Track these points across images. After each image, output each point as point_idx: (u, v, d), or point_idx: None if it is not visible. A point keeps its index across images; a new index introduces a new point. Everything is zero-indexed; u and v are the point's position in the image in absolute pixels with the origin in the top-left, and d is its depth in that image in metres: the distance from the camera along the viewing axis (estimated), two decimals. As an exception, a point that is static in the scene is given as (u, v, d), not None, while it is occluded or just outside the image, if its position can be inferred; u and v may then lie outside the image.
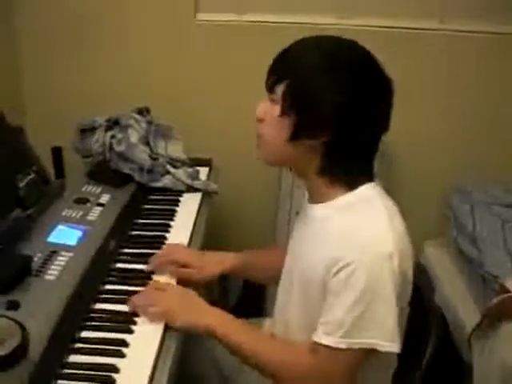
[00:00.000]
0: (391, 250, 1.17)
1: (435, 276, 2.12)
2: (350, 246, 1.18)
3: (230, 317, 1.34)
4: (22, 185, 1.62)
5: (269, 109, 1.27)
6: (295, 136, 1.23)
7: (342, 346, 1.18)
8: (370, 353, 1.20)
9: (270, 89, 1.27)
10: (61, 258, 1.47)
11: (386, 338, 1.18)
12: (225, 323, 1.31)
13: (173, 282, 1.48)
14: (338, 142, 1.22)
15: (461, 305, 1.98)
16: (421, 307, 1.44)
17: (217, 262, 1.58)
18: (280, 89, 1.24)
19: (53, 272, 1.42)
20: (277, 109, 1.24)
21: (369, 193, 1.26)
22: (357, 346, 1.18)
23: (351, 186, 1.26)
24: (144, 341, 1.27)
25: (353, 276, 1.16)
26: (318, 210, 1.30)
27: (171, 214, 1.80)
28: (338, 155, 1.24)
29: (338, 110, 1.19)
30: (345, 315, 1.17)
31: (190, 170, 1.98)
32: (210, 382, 1.59)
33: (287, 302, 1.38)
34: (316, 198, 1.31)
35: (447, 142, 2.33)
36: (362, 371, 1.24)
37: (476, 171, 2.31)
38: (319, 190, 1.29)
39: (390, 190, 1.32)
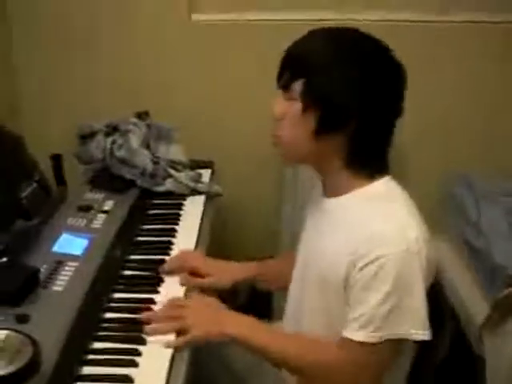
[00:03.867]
0: (416, 234, 1.19)
1: (443, 270, 2.10)
2: (376, 239, 1.19)
3: (254, 321, 1.33)
4: (24, 195, 1.60)
5: (287, 107, 1.26)
6: (319, 131, 1.23)
7: (375, 340, 1.18)
8: (401, 344, 1.23)
9: (285, 87, 1.26)
10: (67, 268, 1.46)
11: (418, 327, 1.20)
12: (250, 329, 1.31)
13: (181, 292, 1.47)
14: (360, 132, 1.23)
15: (470, 298, 1.97)
16: (432, 302, 1.43)
17: (230, 273, 1.57)
18: (298, 86, 1.23)
19: (60, 283, 1.40)
20: (297, 106, 1.23)
21: (387, 185, 1.28)
22: (390, 338, 1.19)
23: (370, 178, 1.27)
24: (157, 348, 1.25)
25: (382, 270, 1.16)
26: (337, 203, 1.30)
27: (176, 218, 1.79)
28: (360, 147, 1.25)
29: (358, 100, 1.20)
30: (376, 309, 1.17)
31: (191, 172, 1.96)
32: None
33: (299, 305, 1.37)
34: (334, 192, 1.31)
35: (449, 133, 2.31)
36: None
37: (478, 162, 2.29)
38: (340, 184, 1.29)
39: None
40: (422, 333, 1.20)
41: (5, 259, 1.41)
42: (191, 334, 1.28)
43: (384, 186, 1.27)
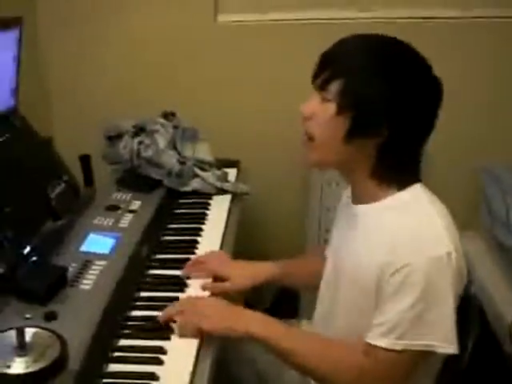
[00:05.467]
0: (449, 249, 1.16)
1: (471, 267, 2.07)
2: (406, 246, 1.17)
3: (274, 321, 1.30)
4: (53, 195, 1.64)
5: (319, 107, 1.24)
6: (351, 135, 1.21)
7: (398, 347, 1.16)
8: (426, 354, 1.19)
9: (321, 87, 1.24)
10: (95, 267, 1.48)
11: (444, 340, 1.17)
12: (268, 328, 1.28)
13: (206, 293, 1.47)
14: (390, 142, 1.21)
15: (499, 295, 1.95)
16: (459, 300, 1.42)
17: (250, 275, 1.55)
18: (334, 87, 1.21)
19: (88, 281, 1.43)
20: (330, 107, 1.22)
21: (418, 192, 1.25)
22: (413, 348, 1.17)
23: (401, 186, 1.25)
24: (182, 347, 1.27)
25: (410, 278, 1.15)
26: (366, 211, 1.28)
27: (202, 218, 1.80)
28: (392, 156, 1.23)
29: (393, 107, 1.19)
30: (401, 317, 1.16)
31: (218, 172, 1.98)
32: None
33: (332, 308, 1.36)
34: (363, 199, 1.29)
35: (474, 131, 2.29)
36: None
37: (505, 157, 2.25)
38: (368, 191, 1.27)
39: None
40: (448, 346, 1.17)
41: (34, 258, 1.44)
42: (205, 331, 1.28)
43: (412, 194, 1.25)
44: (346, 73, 1.20)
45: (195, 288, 1.48)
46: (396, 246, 1.17)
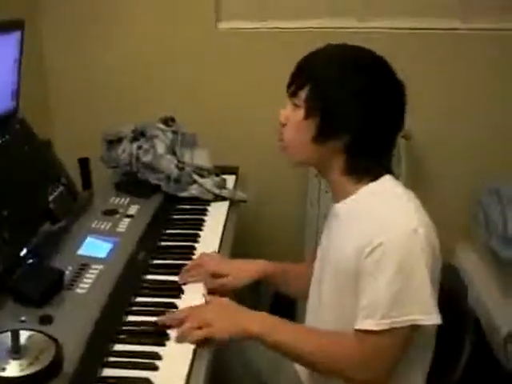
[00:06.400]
0: (415, 225, 1.21)
1: (468, 278, 2.08)
2: (377, 228, 1.23)
3: (275, 319, 1.33)
4: (51, 198, 1.64)
5: (291, 113, 1.34)
6: (319, 137, 1.30)
7: (384, 327, 1.20)
8: (413, 330, 1.22)
9: (293, 94, 1.34)
10: (92, 271, 1.48)
11: (425, 312, 1.21)
12: (270, 327, 1.30)
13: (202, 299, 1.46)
14: (359, 141, 1.29)
15: (495, 307, 1.95)
16: (454, 311, 1.43)
17: (247, 269, 1.57)
18: (303, 93, 1.31)
19: (84, 285, 1.43)
20: (300, 113, 1.31)
21: (389, 182, 1.33)
22: (398, 325, 1.20)
23: (373, 178, 1.33)
24: (177, 353, 1.26)
25: (383, 257, 1.20)
26: (343, 205, 1.35)
27: (199, 224, 1.80)
28: (360, 154, 1.31)
29: (357, 110, 1.27)
30: (381, 296, 1.20)
31: (216, 178, 1.98)
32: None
33: (319, 302, 1.39)
34: (341, 196, 1.36)
35: (474, 142, 2.29)
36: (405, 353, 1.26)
37: (505, 170, 2.26)
38: (344, 188, 1.34)
39: (419, 193, 1.34)
40: (430, 317, 1.21)
41: (31, 261, 1.44)
42: (216, 339, 1.29)
43: (384, 184, 1.32)
44: (312, 80, 1.30)
45: (191, 293, 1.47)
46: (366, 230, 1.24)
